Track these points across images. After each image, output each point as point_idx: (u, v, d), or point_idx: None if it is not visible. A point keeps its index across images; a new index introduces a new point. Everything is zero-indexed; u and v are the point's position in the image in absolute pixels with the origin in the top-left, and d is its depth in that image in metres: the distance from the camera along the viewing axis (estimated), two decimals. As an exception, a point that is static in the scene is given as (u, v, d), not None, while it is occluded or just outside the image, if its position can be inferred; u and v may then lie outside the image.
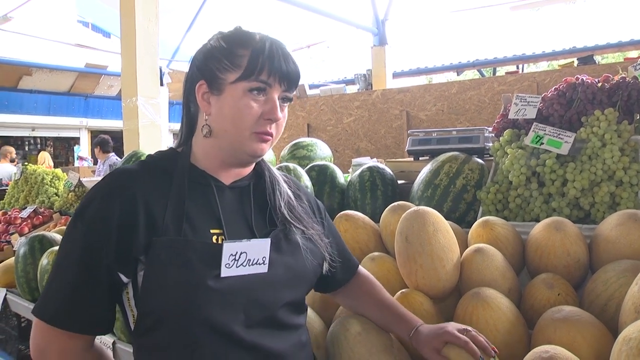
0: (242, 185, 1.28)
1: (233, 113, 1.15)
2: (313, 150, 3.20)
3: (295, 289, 1.24)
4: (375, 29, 8.83)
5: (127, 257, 1.10)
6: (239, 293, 1.12)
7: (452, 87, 6.08)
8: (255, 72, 1.14)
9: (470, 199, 2.17)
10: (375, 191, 2.39)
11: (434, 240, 1.49)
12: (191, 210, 1.15)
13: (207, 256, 1.10)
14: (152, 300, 1.09)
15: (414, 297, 1.46)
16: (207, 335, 1.09)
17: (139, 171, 1.19)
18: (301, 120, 7.36)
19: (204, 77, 1.19)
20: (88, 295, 1.11)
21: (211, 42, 1.23)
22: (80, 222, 1.12)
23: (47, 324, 1.11)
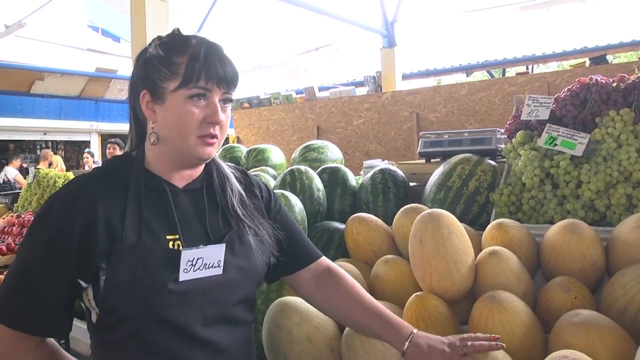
0: (195, 187, 1.33)
1: (177, 120, 1.20)
2: (324, 153, 3.19)
3: (247, 287, 1.32)
4: (384, 31, 8.81)
5: (87, 264, 1.15)
6: (196, 294, 1.19)
7: (462, 88, 6.05)
8: (193, 79, 1.18)
9: (483, 201, 2.15)
10: (387, 194, 2.38)
11: (449, 242, 1.47)
12: (148, 216, 1.21)
13: (166, 261, 1.16)
14: (114, 301, 1.15)
15: (429, 300, 1.45)
16: (165, 333, 1.16)
17: (96, 178, 1.23)
18: (311, 123, 7.36)
19: (146, 87, 1.23)
20: (44, 301, 1.15)
21: (150, 50, 1.25)
22: (40, 229, 1.17)
23: (7, 326, 1.13)
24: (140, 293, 1.14)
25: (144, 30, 3.77)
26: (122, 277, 1.13)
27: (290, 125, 7.61)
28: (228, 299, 1.26)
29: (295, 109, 7.51)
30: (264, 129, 7.92)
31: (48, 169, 5.76)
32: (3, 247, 4.13)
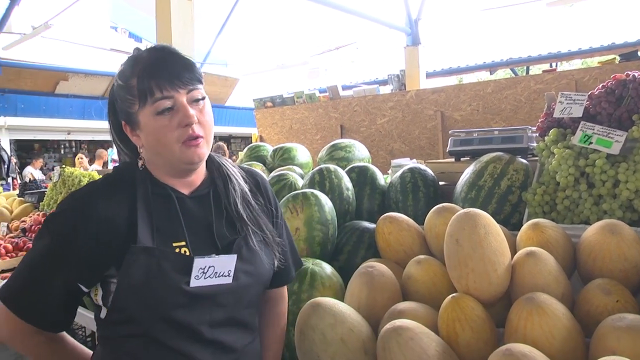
0: (202, 194, 1.35)
1: (155, 137, 1.22)
2: (351, 152, 3.17)
3: (255, 292, 1.37)
4: (408, 29, 8.75)
5: (93, 271, 1.21)
6: (205, 299, 1.23)
7: (487, 86, 5.98)
8: (147, 95, 1.19)
9: (515, 201, 2.11)
10: (417, 193, 2.35)
11: (486, 243, 1.44)
12: (157, 222, 1.24)
13: (179, 266, 1.20)
14: (124, 301, 1.19)
15: (466, 301, 1.41)
16: (172, 332, 1.21)
17: (105, 186, 1.27)
18: (334, 122, 7.34)
19: (123, 118, 1.28)
20: (45, 300, 1.22)
21: (115, 82, 1.28)
22: (48, 233, 1.21)
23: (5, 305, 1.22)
24: (152, 295, 1.18)
25: (169, 31, 3.78)
26: (136, 278, 1.17)
27: (313, 124, 7.60)
28: (236, 304, 1.31)
29: (319, 108, 7.49)
30: (287, 128, 7.92)
31: (73, 169, 5.82)
32: (30, 245, 4.17)
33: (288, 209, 2.07)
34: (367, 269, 1.69)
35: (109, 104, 1.34)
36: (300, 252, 2.01)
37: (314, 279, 1.82)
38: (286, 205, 2.09)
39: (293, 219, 2.04)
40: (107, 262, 1.20)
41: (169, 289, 1.19)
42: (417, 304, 1.56)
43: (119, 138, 1.36)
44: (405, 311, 1.51)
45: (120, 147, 1.37)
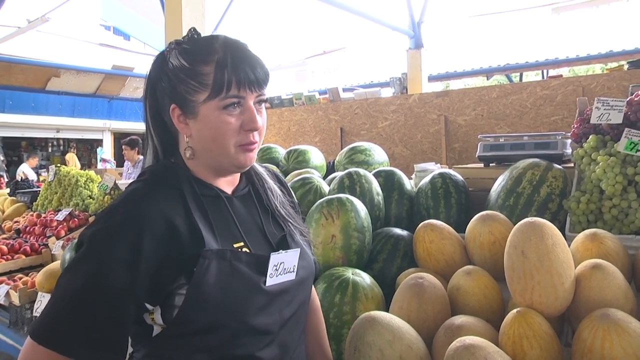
0: (243, 193, 1.30)
1: (213, 133, 1.14)
2: (371, 155, 3.08)
3: (310, 285, 1.35)
4: (411, 32, 8.68)
5: (161, 287, 1.08)
6: (277, 298, 1.18)
7: (492, 91, 5.92)
8: (224, 89, 1.11)
9: (555, 209, 2.04)
10: (448, 199, 2.27)
11: (553, 255, 1.36)
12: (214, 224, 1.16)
13: (252, 266, 1.14)
14: (197, 312, 1.07)
15: (532, 317, 1.33)
16: (246, 337, 1.12)
17: (154, 189, 1.15)
18: (334, 124, 7.24)
19: (175, 101, 1.16)
20: (115, 330, 1.04)
21: (172, 60, 1.16)
22: (101, 253, 1.04)
23: (64, 355, 1.01)
24: (229, 300, 1.09)
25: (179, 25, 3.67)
26: (212, 284, 1.07)
27: (312, 126, 7.50)
28: (298, 299, 1.27)
29: (318, 110, 7.40)
30: (285, 129, 7.82)
31: (69, 167, 5.65)
32: (27, 248, 4.06)
33: (322, 214, 1.97)
34: (417, 280, 1.60)
35: (150, 84, 1.22)
36: (335, 261, 1.93)
37: (356, 290, 1.73)
38: (320, 211, 1.99)
39: (328, 226, 1.94)
40: (174, 271, 1.08)
41: (248, 291, 1.12)
42: (474, 319, 1.47)
43: (153, 124, 1.24)
44: (464, 326, 1.42)
45: (152, 136, 1.25)
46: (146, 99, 1.24)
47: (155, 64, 1.21)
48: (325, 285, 1.78)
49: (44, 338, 1.01)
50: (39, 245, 4.06)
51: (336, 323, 1.69)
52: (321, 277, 1.84)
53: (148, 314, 1.12)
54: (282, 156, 3.55)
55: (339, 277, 1.78)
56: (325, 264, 1.93)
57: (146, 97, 1.23)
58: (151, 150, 1.26)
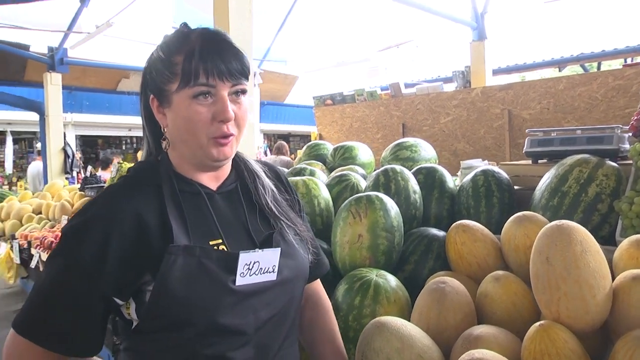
0: (229, 189, 1.28)
1: (185, 122, 1.14)
2: (417, 152, 2.97)
3: (298, 287, 1.29)
4: (474, 23, 8.36)
5: (128, 281, 1.09)
6: (250, 299, 1.14)
7: (559, 83, 5.60)
8: (192, 77, 1.11)
9: (606, 210, 1.87)
10: (490, 198, 2.14)
11: (582, 263, 1.23)
12: (190, 220, 1.15)
13: (223, 264, 1.11)
14: (163, 308, 1.07)
15: (557, 332, 1.20)
16: (216, 336, 1.10)
17: (127, 187, 1.17)
18: (396, 120, 7.10)
19: (152, 92, 1.19)
20: (78, 322, 1.08)
21: (153, 53, 1.20)
22: (72, 249, 1.09)
23: (25, 337, 1.07)
24: (196, 297, 1.08)
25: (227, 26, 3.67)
26: (176, 280, 1.06)
27: (374, 122, 7.39)
28: (281, 301, 1.22)
29: (380, 106, 7.27)
30: (347, 126, 7.75)
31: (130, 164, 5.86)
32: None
33: (350, 213, 1.90)
34: (439, 284, 1.50)
35: (143, 77, 1.24)
36: (362, 261, 1.86)
37: (378, 292, 1.65)
38: (348, 209, 1.92)
39: (355, 225, 1.87)
40: (141, 267, 1.08)
41: (215, 289, 1.10)
42: (496, 329, 1.36)
43: (146, 117, 1.26)
44: (483, 337, 1.31)
45: (145, 128, 1.28)
46: (141, 96, 1.25)
47: (146, 63, 1.23)
48: (346, 286, 1.71)
49: (21, 328, 1.08)
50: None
51: (355, 326, 1.62)
52: (344, 278, 1.78)
53: (125, 308, 1.14)
54: (329, 152, 3.48)
55: (361, 278, 1.70)
56: (352, 264, 1.86)
57: (140, 93, 1.25)
58: (145, 146, 1.29)
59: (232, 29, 3.63)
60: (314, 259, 1.37)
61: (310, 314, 1.49)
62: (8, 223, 6.33)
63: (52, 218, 6.08)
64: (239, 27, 3.70)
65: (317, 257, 1.41)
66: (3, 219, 6.58)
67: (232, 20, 3.65)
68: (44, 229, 5.66)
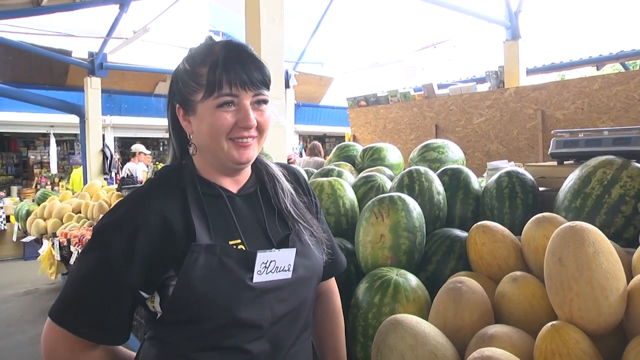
0: (249, 192, 1.36)
1: (209, 129, 1.22)
2: (444, 153, 2.99)
3: (312, 286, 1.36)
4: (507, 22, 8.28)
5: (154, 277, 1.18)
6: (267, 295, 1.22)
7: (594, 82, 5.53)
8: (216, 88, 1.19)
9: (630, 212, 1.86)
10: (514, 199, 2.15)
11: (595, 264, 1.25)
12: (211, 221, 1.23)
13: (241, 262, 1.19)
14: (185, 301, 1.15)
15: (569, 333, 1.22)
16: (234, 330, 1.18)
17: (154, 189, 1.25)
18: (429, 121, 7.10)
19: (178, 101, 1.28)
20: (107, 313, 1.17)
21: (179, 65, 1.29)
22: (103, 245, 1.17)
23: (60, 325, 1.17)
24: (216, 292, 1.16)
25: (258, 28, 3.75)
26: (198, 276, 1.14)
27: (407, 123, 7.40)
28: (296, 298, 1.29)
29: (413, 107, 7.28)
30: (381, 127, 7.77)
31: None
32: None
33: (373, 213, 1.94)
34: (456, 284, 1.53)
35: (170, 87, 1.33)
36: (384, 261, 1.90)
37: (397, 291, 1.68)
38: (371, 210, 1.96)
39: (378, 225, 1.91)
40: (166, 264, 1.17)
41: (234, 285, 1.18)
42: (511, 329, 1.38)
43: (172, 125, 1.35)
44: (496, 336, 1.34)
45: (172, 138, 1.36)
46: (168, 104, 1.34)
47: (173, 74, 1.32)
48: (367, 284, 1.76)
49: (56, 317, 1.18)
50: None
51: (375, 324, 1.66)
52: (365, 277, 1.82)
53: (150, 301, 1.22)
54: (359, 154, 3.52)
55: (382, 277, 1.74)
56: (374, 263, 1.90)
57: (167, 102, 1.34)
58: (171, 151, 1.37)
59: (263, 33, 3.71)
60: (329, 259, 1.43)
61: (320, 312, 1.55)
62: (50, 222, 6.57)
63: (91, 217, 6.28)
64: (270, 32, 3.78)
65: (332, 257, 1.46)
66: (45, 217, 6.82)
67: (263, 25, 3.73)
68: (82, 228, 5.85)
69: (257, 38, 3.71)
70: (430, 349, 1.31)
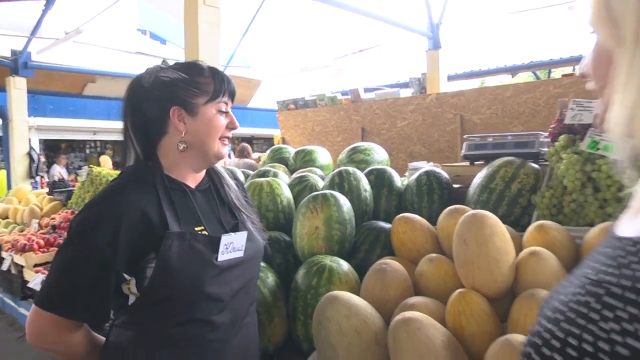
0: (205, 187, 1.59)
1: (208, 129, 1.48)
2: (370, 154, 3.28)
3: (257, 264, 1.64)
4: (429, 33, 8.81)
5: (136, 261, 1.36)
6: (227, 272, 1.45)
7: (506, 90, 6.02)
8: (220, 95, 1.49)
9: (525, 203, 2.21)
10: (432, 195, 2.46)
11: (491, 243, 1.55)
12: (179, 212, 1.43)
13: (208, 245, 1.41)
14: (163, 282, 1.34)
15: (472, 297, 1.52)
16: (203, 304, 1.39)
17: (132, 183, 1.42)
18: (355, 124, 7.43)
19: (177, 104, 1.45)
20: (95, 295, 1.34)
21: (168, 75, 1.47)
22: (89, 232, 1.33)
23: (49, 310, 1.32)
24: (190, 271, 1.36)
25: (196, 36, 3.93)
26: (174, 259, 1.33)
27: (335, 126, 7.70)
28: (246, 275, 1.54)
29: (340, 111, 7.59)
30: (309, 129, 8.04)
31: (101, 168, 6.01)
32: (61, 241, 4.37)
33: (308, 208, 2.19)
34: (382, 265, 1.81)
35: (134, 102, 1.48)
36: (319, 250, 2.15)
37: (332, 274, 1.94)
38: (307, 205, 2.21)
39: (313, 218, 2.16)
40: (146, 249, 1.35)
41: (203, 264, 1.38)
42: (427, 299, 1.67)
43: (136, 129, 1.49)
44: (416, 305, 1.62)
45: (134, 143, 1.49)
46: (127, 115, 1.50)
47: (137, 85, 1.50)
48: (305, 270, 2.00)
49: (46, 304, 1.33)
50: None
51: (313, 304, 1.90)
52: (303, 264, 2.06)
53: (125, 285, 1.40)
54: (291, 156, 3.77)
55: (318, 263, 1.99)
56: (310, 252, 2.15)
57: (127, 113, 1.50)
58: (132, 154, 1.51)
59: (201, 40, 3.90)
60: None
61: None
62: (-26, 228, 6.40)
63: (21, 222, 6.17)
64: (208, 39, 3.97)
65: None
66: (-31, 224, 6.64)
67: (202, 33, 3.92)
68: (13, 233, 5.76)
69: (196, 45, 3.89)
70: (362, 317, 1.57)
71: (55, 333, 1.36)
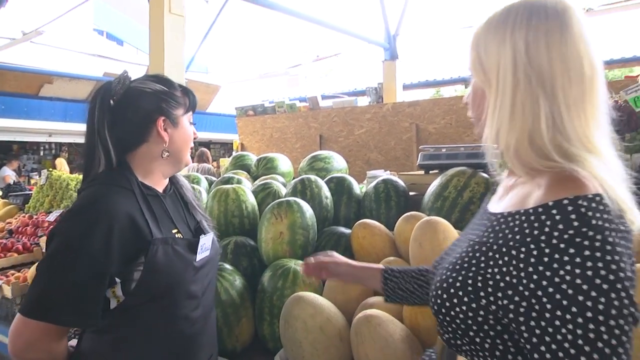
0: (171, 192, 1.66)
1: (186, 138, 1.61)
2: (330, 163, 3.42)
3: (217, 261, 1.76)
4: (386, 44, 9.04)
5: (126, 263, 1.37)
6: (201, 271, 1.54)
7: (460, 100, 6.23)
8: (192, 108, 1.64)
9: (476, 210, 2.36)
10: (389, 202, 2.61)
11: (444, 246, 1.70)
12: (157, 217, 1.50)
13: (187, 247, 1.50)
14: (151, 284, 1.39)
15: (426, 296, 1.67)
16: (184, 301, 1.48)
17: (115, 188, 1.43)
18: (314, 131, 7.56)
19: (163, 114, 1.54)
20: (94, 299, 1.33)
21: (150, 87, 1.54)
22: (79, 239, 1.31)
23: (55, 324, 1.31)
24: (175, 273, 1.44)
25: (162, 43, 3.99)
26: (161, 263, 1.40)
27: (293, 133, 7.81)
28: (212, 271, 1.66)
29: (299, 118, 7.71)
30: (268, 136, 8.12)
31: (60, 172, 5.93)
32: (19, 246, 4.30)
33: (273, 215, 2.30)
34: (343, 268, 1.93)
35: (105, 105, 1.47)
36: (283, 254, 2.26)
37: (296, 277, 2.05)
38: (271, 212, 2.32)
39: (277, 224, 2.27)
40: (138, 252, 1.37)
41: (185, 266, 1.47)
42: (385, 299, 1.80)
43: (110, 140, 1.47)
44: (375, 304, 1.75)
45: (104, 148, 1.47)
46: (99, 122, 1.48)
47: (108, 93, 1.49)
48: (271, 273, 2.11)
49: (37, 313, 1.30)
50: (30, 244, 4.25)
51: (279, 304, 2.01)
52: (268, 267, 2.17)
53: (111, 288, 1.40)
54: (253, 163, 3.87)
55: (282, 266, 2.10)
56: (275, 256, 2.26)
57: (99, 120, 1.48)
58: (103, 160, 1.48)
59: (166, 49, 3.97)
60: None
61: None
62: None
63: (-26, 226, 6.05)
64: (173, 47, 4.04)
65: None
66: None
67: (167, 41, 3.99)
68: (-34, 237, 5.65)
69: (161, 53, 3.96)
70: (326, 316, 1.70)
71: (44, 342, 1.34)
